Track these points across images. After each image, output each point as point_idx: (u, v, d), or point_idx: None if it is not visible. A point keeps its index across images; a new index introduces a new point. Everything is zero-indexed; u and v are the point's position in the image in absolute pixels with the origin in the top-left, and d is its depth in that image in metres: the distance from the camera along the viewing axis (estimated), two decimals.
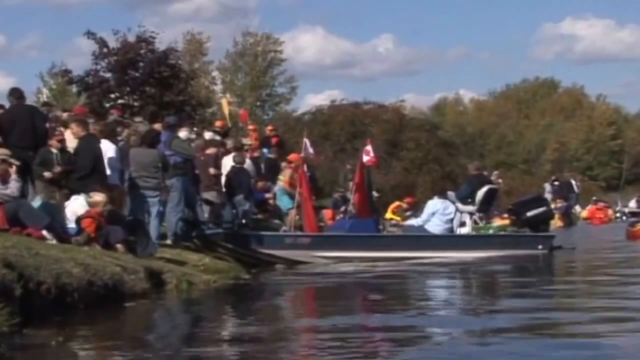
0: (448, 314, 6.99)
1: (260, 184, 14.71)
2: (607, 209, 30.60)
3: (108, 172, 10.35)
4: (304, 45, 75.58)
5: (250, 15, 75.05)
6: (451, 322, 6.33)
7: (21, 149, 9.72)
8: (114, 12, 70.27)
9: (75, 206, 9.28)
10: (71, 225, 9.21)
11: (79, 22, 74.32)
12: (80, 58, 53.74)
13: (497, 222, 16.05)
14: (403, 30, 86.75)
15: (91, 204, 9.13)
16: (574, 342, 5.21)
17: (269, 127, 18.98)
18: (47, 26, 76.17)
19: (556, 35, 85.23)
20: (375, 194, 15.88)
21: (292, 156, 16.19)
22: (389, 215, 18.17)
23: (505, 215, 17.25)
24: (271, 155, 16.67)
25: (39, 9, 76.10)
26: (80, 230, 9.01)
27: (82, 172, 9.83)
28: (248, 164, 14.11)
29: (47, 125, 10.65)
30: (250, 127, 18.34)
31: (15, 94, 10.55)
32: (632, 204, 32.61)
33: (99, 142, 10.44)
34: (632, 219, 20.86)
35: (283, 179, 15.59)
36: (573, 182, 31.51)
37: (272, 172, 15.98)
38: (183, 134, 12.65)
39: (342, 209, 16.29)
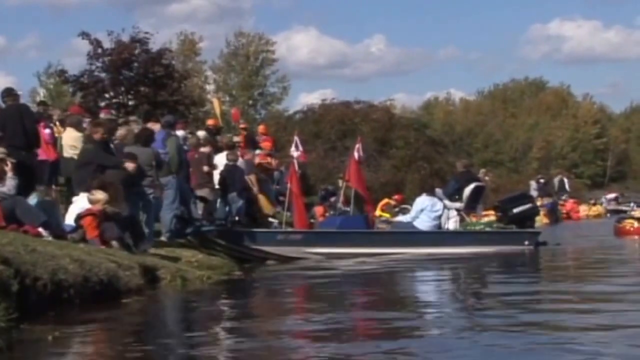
0: (436, 310, 7.07)
1: None
2: (579, 204, 31.00)
3: None
4: (298, 45, 76.03)
5: (245, 16, 75.22)
6: (439, 318, 6.39)
7: (13, 148, 9.78)
8: (111, 13, 70.58)
9: (83, 204, 9.34)
10: (70, 222, 9.29)
11: (77, 23, 74.71)
12: (78, 58, 54.23)
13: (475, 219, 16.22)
14: (395, 31, 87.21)
15: (92, 201, 9.20)
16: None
17: (261, 127, 19.08)
18: (46, 27, 76.41)
19: (544, 36, 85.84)
20: None
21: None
22: (378, 212, 18.34)
23: (484, 213, 17.46)
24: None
25: (38, 10, 76.24)
26: (77, 227, 9.11)
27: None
28: (241, 162, 14.26)
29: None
30: (242, 125, 18.46)
31: (5, 93, 10.63)
32: (611, 202, 32.94)
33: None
34: (619, 216, 21.08)
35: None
36: (565, 180, 31.70)
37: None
38: (181, 132, 12.80)
39: (332, 199, 16.43)
